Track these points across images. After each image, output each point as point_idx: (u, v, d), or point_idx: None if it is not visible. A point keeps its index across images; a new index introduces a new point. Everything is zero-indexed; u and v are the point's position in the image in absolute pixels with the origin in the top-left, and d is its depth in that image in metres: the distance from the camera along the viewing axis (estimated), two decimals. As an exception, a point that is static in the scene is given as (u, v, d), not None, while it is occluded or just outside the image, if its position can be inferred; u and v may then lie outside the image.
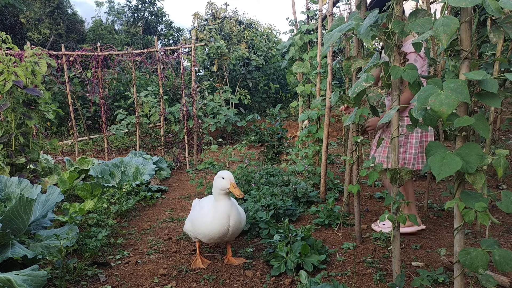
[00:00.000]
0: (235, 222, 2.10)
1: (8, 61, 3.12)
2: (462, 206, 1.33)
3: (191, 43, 5.70)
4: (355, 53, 2.27)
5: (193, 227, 2.19)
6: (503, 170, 1.30)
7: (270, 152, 5.43)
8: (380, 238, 2.50)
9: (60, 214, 2.94)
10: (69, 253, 2.30)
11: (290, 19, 4.81)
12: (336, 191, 3.66)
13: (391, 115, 1.68)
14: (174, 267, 2.21)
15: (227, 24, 11.79)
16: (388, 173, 1.71)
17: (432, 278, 1.89)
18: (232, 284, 2.01)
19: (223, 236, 2.11)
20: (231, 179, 2.06)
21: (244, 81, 10.58)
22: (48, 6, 13.17)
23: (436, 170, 1.29)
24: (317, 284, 1.74)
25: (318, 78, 3.82)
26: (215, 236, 2.10)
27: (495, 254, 1.29)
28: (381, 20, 1.69)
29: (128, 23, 16.17)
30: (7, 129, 3.20)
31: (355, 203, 2.45)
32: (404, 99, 2.22)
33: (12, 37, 5.24)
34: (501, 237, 2.50)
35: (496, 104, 1.30)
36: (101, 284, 2.03)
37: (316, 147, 3.95)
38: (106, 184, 3.71)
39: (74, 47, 13.11)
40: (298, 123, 7.93)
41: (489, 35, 1.46)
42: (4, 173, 3.03)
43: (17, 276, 1.64)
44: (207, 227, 2.09)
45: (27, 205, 2.05)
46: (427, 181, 3.01)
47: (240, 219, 2.16)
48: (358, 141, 2.40)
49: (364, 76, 1.74)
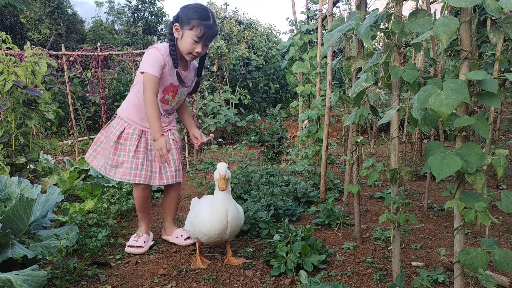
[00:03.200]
0: (233, 217, 2.09)
1: (8, 61, 3.12)
2: (462, 206, 1.33)
3: (191, 43, 5.70)
4: (355, 53, 2.27)
5: (192, 226, 2.19)
6: (503, 170, 1.30)
7: (270, 152, 5.43)
8: (380, 238, 2.50)
9: (60, 214, 2.94)
10: (69, 253, 2.30)
11: (290, 19, 4.81)
12: (336, 191, 3.66)
13: (391, 115, 1.68)
14: (174, 267, 2.21)
15: (227, 24, 11.79)
16: (388, 173, 1.71)
17: (432, 278, 1.89)
18: (232, 284, 2.01)
19: (222, 232, 2.10)
20: (221, 171, 2.08)
21: (244, 81, 10.58)
22: (48, 6, 13.17)
23: (436, 170, 1.29)
24: (317, 284, 1.74)
25: (318, 78, 3.82)
26: (215, 233, 2.09)
27: (495, 254, 1.29)
28: (381, 20, 1.69)
29: (128, 23, 16.15)
30: (7, 129, 3.20)
31: (355, 203, 2.45)
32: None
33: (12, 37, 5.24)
34: (501, 237, 2.50)
35: (496, 104, 1.30)
36: (101, 284, 2.03)
37: (316, 147, 3.95)
38: (106, 184, 3.71)
39: (74, 47, 13.10)
40: (298, 123, 7.93)
41: (489, 35, 1.47)
42: (4, 173, 3.03)
43: (17, 276, 1.64)
44: (205, 224, 2.09)
45: (27, 205, 2.05)
46: (427, 181, 3.01)
47: (238, 216, 2.16)
48: (358, 141, 2.40)
49: (364, 76, 1.75)
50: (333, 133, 8.11)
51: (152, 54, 2.18)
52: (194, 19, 2.14)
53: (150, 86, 2.13)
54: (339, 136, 8.00)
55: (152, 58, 2.16)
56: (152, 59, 2.16)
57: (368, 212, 3.16)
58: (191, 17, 2.15)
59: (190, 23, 2.15)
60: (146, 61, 2.16)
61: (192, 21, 2.14)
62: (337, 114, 7.31)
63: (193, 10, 2.17)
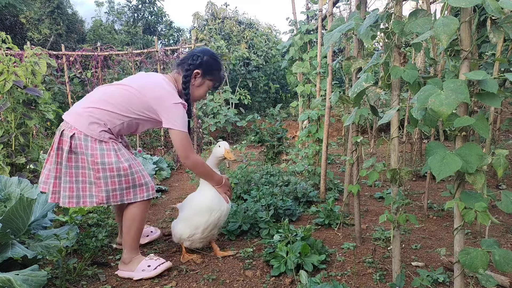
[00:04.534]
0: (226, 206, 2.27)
1: (8, 61, 3.12)
2: (462, 206, 1.33)
3: (191, 43, 5.70)
4: (355, 53, 2.27)
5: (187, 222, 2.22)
6: (503, 170, 1.30)
7: (270, 152, 5.43)
8: (380, 238, 2.50)
9: (60, 214, 2.94)
10: (69, 253, 2.30)
11: (290, 19, 4.81)
12: (336, 191, 3.66)
13: (391, 115, 1.68)
14: (174, 267, 2.21)
15: (227, 24, 11.79)
16: (388, 173, 1.71)
17: (432, 278, 1.89)
18: (232, 284, 2.01)
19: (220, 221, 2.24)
20: (226, 147, 2.24)
21: (244, 81, 10.58)
22: (48, 6, 13.17)
23: (436, 170, 1.29)
24: (317, 284, 1.74)
25: (318, 78, 3.82)
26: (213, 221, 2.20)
27: (495, 254, 1.29)
28: (381, 20, 1.69)
29: (128, 23, 16.16)
30: (7, 129, 3.20)
31: (355, 203, 2.45)
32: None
33: (12, 37, 5.24)
34: (501, 237, 2.50)
35: (496, 104, 1.31)
36: (101, 284, 2.03)
37: (316, 147, 3.95)
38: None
39: (74, 47, 13.11)
40: (298, 123, 7.93)
41: (489, 35, 1.47)
42: (4, 173, 3.03)
43: (17, 276, 1.64)
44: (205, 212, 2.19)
45: (27, 205, 2.05)
46: (427, 181, 3.01)
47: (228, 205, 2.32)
48: (358, 141, 2.40)
49: (364, 76, 1.75)
50: (333, 133, 8.12)
51: (182, 110, 2.05)
52: (217, 71, 2.21)
53: (190, 146, 2.07)
54: (339, 136, 8.00)
55: (185, 116, 2.06)
56: (185, 116, 2.06)
57: (368, 212, 3.16)
58: (214, 68, 2.19)
59: (213, 74, 2.20)
60: (182, 118, 2.03)
61: (215, 72, 2.20)
62: (337, 114, 7.31)
63: (216, 61, 2.21)
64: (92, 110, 1.97)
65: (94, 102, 2.01)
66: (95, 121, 1.96)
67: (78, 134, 1.93)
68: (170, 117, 2.02)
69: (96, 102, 2.01)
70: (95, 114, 1.97)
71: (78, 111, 1.99)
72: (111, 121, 2.00)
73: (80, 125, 1.94)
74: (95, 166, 1.93)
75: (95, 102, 2.01)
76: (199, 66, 2.15)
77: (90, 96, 2.07)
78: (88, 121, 1.95)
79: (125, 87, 2.06)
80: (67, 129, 1.95)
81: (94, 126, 1.95)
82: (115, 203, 2.00)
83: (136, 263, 2.08)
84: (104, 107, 1.99)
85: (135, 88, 2.04)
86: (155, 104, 2.02)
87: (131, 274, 2.07)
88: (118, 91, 2.04)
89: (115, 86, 2.08)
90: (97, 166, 1.93)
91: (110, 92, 2.05)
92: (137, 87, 2.04)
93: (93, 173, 1.94)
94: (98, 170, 1.93)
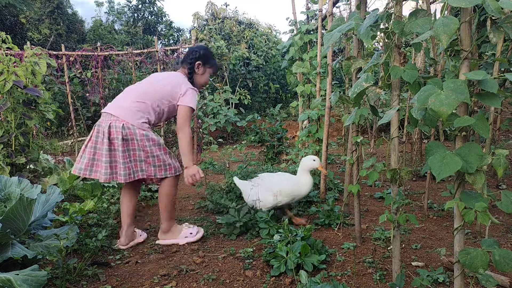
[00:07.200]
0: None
1: (8, 61, 3.12)
2: (462, 206, 1.33)
3: (191, 43, 5.70)
4: (355, 53, 2.27)
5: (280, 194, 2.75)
6: (503, 170, 1.30)
7: (270, 152, 5.42)
8: (380, 238, 2.50)
9: (60, 214, 2.94)
10: (69, 253, 2.30)
11: (290, 19, 4.81)
12: (336, 191, 3.66)
13: (391, 115, 1.68)
14: (174, 267, 2.22)
15: (227, 24, 11.78)
16: (388, 173, 1.71)
17: (432, 278, 1.89)
18: (232, 284, 2.01)
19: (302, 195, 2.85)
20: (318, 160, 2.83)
21: (244, 81, 10.58)
22: (48, 6, 13.17)
23: (436, 170, 1.29)
24: (317, 284, 1.74)
25: (318, 78, 3.82)
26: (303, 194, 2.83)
27: (495, 254, 1.29)
28: (381, 20, 1.69)
29: (128, 23, 16.16)
30: (7, 129, 3.20)
31: (355, 203, 2.45)
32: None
33: (12, 37, 5.24)
34: (501, 237, 2.50)
35: (496, 104, 1.30)
36: (101, 284, 2.03)
37: (316, 147, 3.95)
38: (106, 184, 3.70)
39: (74, 47, 13.10)
40: (298, 123, 7.93)
41: (489, 35, 1.47)
42: (4, 173, 3.03)
43: (17, 276, 1.64)
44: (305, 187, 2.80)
45: (27, 205, 2.05)
46: (427, 181, 3.01)
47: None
48: (358, 141, 2.40)
49: (364, 76, 1.74)
50: (333, 133, 8.11)
51: (195, 94, 2.58)
52: (212, 59, 2.74)
53: (189, 120, 2.52)
54: (339, 136, 8.00)
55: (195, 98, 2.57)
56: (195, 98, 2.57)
57: (368, 212, 3.16)
58: (210, 57, 2.72)
59: (210, 63, 2.72)
60: (192, 98, 2.54)
61: (211, 60, 2.72)
62: (337, 114, 7.31)
63: (210, 53, 2.74)
64: (137, 105, 2.45)
65: (137, 97, 2.48)
66: (140, 114, 2.44)
67: (126, 124, 2.38)
68: (185, 98, 2.53)
69: (138, 97, 2.49)
70: (139, 108, 2.45)
71: (125, 106, 2.44)
72: (149, 113, 2.49)
73: (129, 118, 2.40)
74: (144, 148, 2.43)
75: (137, 97, 2.49)
76: (199, 58, 2.65)
77: (130, 93, 2.53)
78: (135, 114, 2.42)
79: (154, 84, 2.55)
80: (115, 121, 2.39)
81: (139, 118, 2.43)
82: (160, 176, 2.50)
83: (177, 232, 2.62)
84: (145, 101, 2.48)
85: (162, 83, 2.55)
86: (176, 91, 2.53)
87: (176, 241, 2.60)
88: (152, 87, 2.53)
89: (147, 84, 2.57)
90: (145, 148, 2.43)
91: (145, 88, 2.54)
92: (164, 81, 2.56)
93: (143, 153, 2.44)
94: (147, 151, 2.44)
